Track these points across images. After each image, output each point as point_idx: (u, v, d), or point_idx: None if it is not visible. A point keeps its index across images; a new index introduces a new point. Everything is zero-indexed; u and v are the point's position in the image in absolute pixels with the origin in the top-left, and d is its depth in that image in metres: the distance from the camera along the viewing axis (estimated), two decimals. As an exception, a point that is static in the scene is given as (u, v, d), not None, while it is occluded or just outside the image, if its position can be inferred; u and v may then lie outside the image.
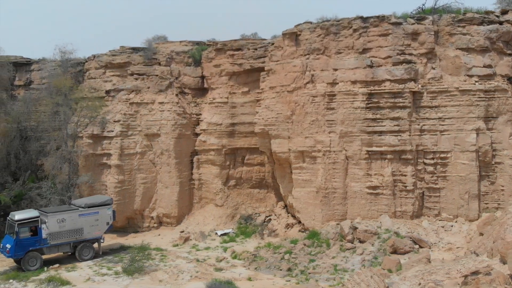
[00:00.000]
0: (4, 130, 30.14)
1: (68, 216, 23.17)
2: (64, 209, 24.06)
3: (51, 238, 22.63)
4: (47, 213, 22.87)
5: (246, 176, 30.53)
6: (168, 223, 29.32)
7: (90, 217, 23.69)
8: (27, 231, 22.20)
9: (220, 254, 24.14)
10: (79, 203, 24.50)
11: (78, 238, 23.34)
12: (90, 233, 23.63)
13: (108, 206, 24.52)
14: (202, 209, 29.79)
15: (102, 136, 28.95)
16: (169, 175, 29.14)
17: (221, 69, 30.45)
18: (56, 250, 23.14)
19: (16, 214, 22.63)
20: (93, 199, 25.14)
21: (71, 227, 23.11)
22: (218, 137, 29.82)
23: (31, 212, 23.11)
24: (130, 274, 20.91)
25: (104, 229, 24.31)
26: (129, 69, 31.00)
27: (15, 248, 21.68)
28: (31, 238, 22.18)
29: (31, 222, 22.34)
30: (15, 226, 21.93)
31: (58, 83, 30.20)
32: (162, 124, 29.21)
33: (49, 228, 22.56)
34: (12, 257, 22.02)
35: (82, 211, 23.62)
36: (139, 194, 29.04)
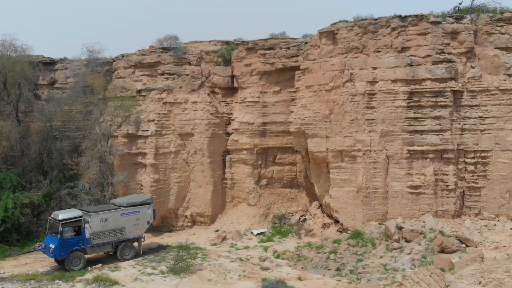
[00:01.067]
0: (38, 130, 29.93)
1: (111, 215, 22.97)
2: (106, 208, 23.74)
3: (94, 238, 22.45)
4: (90, 213, 22.63)
5: (278, 175, 30.41)
6: (202, 222, 29.18)
7: (131, 216, 23.49)
8: (70, 231, 21.97)
9: (261, 254, 23.98)
10: (119, 202, 24.28)
11: (120, 237, 23.16)
12: (131, 233, 23.47)
13: (148, 205, 24.32)
14: (235, 208, 29.65)
15: (137, 136, 28.79)
16: (202, 174, 29.01)
17: (252, 68, 30.34)
18: (98, 249, 22.94)
19: (60, 214, 22.29)
20: (134, 198, 24.94)
21: (113, 227, 22.95)
22: (250, 136, 29.71)
23: (74, 212, 22.84)
24: (177, 274, 20.72)
25: (144, 228, 24.16)
26: (159, 68, 30.86)
27: (59, 248, 21.44)
28: (75, 238, 21.98)
29: (74, 221, 22.10)
30: (59, 226, 21.70)
31: (92, 82, 29.99)
32: (195, 123, 29.08)
33: (92, 227, 22.36)
34: (56, 257, 21.78)
35: (124, 210, 23.40)
36: (174, 193, 28.89)
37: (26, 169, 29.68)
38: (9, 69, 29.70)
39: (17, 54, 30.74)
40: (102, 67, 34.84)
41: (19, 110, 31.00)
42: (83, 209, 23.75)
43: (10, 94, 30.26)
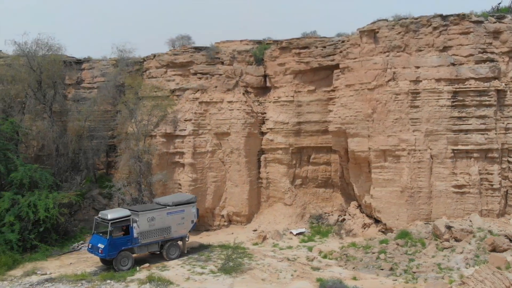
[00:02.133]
0: (76, 129, 29.77)
1: (157, 214, 22.74)
2: (153, 207, 23.43)
3: (142, 237, 22.22)
4: (137, 212, 22.36)
5: (312, 175, 30.31)
6: (238, 222, 29.05)
7: (177, 215, 23.30)
8: (119, 230, 21.87)
9: (306, 254, 23.83)
10: (164, 201, 24.06)
11: (166, 236, 22.98)
12: (177, 232, 23.30)
13: (192, 204, 24.19)
14: (271, 208, 29.52)
15: (174, 135, 28.65)
16: (239, 173, 28.88)
17: (285, 68, 30.23)
18: (145, 249, 22.73)
19: (109, 213, 22.05)
20: (178, 197, 24.74)
21: (160, 226, 22.74)
22: (285, 136, 29.61)
23: (122, 211, 22.56)
24: (228, 273, 20.59)
25: (189, 227, 24.03)
26: (191, 68, 30.73)
27: (109, 248, 21.22)
28: (123, 238, 21.82)
29: (123, 221, 21.89)
30: (107, 225, 21.49)
31: (131, 81, 29.87)
32: (232, 123, 28.96)
33: (140, 227, 22.13)
34: (105, 257, 21.48)
35: (170, 209, 23.20)
36: (210, 192, 28.76)
37: (62, 169, 29.48)
38: (44, 68, 29.54)
39: (51, 53, 30.53)
40: (133, 66, 34.77)
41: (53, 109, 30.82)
42: (130, 208, 23.53)
43: (46, 94, 30.06)
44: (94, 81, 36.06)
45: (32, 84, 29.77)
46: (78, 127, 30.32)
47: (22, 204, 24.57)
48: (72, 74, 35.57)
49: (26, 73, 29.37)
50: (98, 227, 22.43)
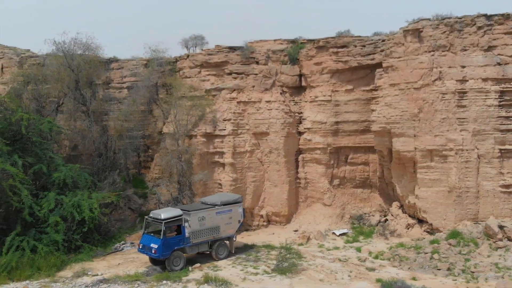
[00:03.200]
0: (118, 129, 29.63)
1: (207, 214, 22.60)
2: (203, 207, 23.22)
3: (193, 237, 22.04)
4: (189, 211, 22.20)
5: (350, 175, 30.18)
6: (277, 222, 28.91)
7: (225, 215, 23.16)
8: (172, 230, 21.65)
9: (355, 254, 23.67)
10: (211, 200, 23.90)
11: (215, 236, 22.85)
12: (225, 231, 23.18)
13: (239, 204, 24.05)
14: (309, 208, 29.37)
15: (214, 135, 28.49)
16: (278, 173, 28.74)
17: (322, 67, 30.10)
18: (196, 249, 22.55)
19: (162, 213, 21.83)
20: (226, 196, 24.58)
21: (210, 225, 22.58)
22: (323, 135, 29.48)
23: (174, 210, 22.33)
24: (283, 273, 20.44)
25: (236, 227, 23.90)
26: (226, 68, 30.62)
27: (162, 248, 20.99)
28: (176, 237, 21.61)
29: (175, 220, 21.68)
30: (160, 225, 21.28)
31: (173, 81, 29.75)
32: (271, 122, 28.82)
33: (191, 226, 21.95)
34: (158, 257, 21.22)
35: (219, 209, 23.06)
36: (250, 192, 28.61)
37: (101, 169, 29.33)
38: (82, 68, 29.41)
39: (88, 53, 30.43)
40: (165, 66, 34.66)
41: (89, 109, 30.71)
42: (180, 207, 23.37)
43: (83, 94, 29.94)
44: (123, 81, 35.94)
45: (70, 83, 29.62)
46: (120, 126, 30.14)
47: (67, 205, 24.38)
48: (100, 74, 35.41)
49: (64, 72, 29.22)
50: (148, 227, 22.23)
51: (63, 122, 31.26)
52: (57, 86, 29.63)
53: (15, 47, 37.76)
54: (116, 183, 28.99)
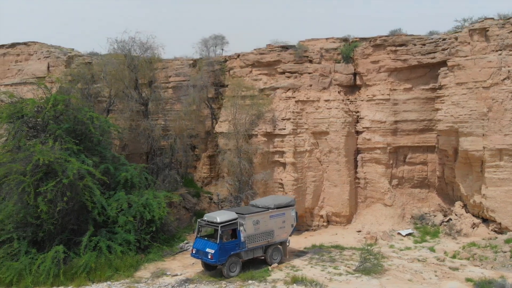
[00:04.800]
0: (181, 128, 29.48)
1: (262, 217, 21.52)
2: (256, 210, 22.05)
3: (248, 241, 21.00)
4: (244, 215, 21.12)
5: (408, 175, 30.01)
6: (337, 222, 28.72)
7: (278, 218, 22.06)
8: (228, 234, 20.70)
9: (429, 254, 23.49)
10: (262, 203, 22.77)
11: (269, 241, 21.74)
12: (279, 236, 22.06)
13: (292, 207, 22.93)
14: (369, 208, 29.18)
15: (274, 134, 28.31)
16: (338, 173, 28.57)
17: (379, 65, 29.96)
18: (251, 254, 21.41)
19: (217, 216, 20.84)
20: (278, 199, 23.40)
21: (264, 229, 21.51)
22: (382, 135, 29.32)
23: (229, 214, 21.30)
24: (368, 274, 20.28)
25: (289, 231, 22.77)
26: (279, 67, 30.49)
27: (219, 253, 19.95)
28: (232, 242, 20.62)
29: (231, 224, 20.66)
30: (217, 229, 20.22)
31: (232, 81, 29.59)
32: (330, 122, 28.65)
33: (247, 230, 20.88)
34: (215, 263, 20.24)
35: (272, 212, 21.95)
36: (310, 192, 28.43)
37: (160, 168, 29.19)
38: (141, 67, 29.30)
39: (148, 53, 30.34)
40: (213, 66, 34.54)
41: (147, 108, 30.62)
42: (234, 210, 22.44)
43: (141, 93, 29.82)
44: (168, 80, 35.85)
45: (130, 83, 29.49)
46: (183, 125, 29.99)
47: (136, 204, 24.21)
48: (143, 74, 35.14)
49: (124, 71, 29.08)
50: (201, 231, 21.49)
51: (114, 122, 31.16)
52: (116, 85, 29.42)
53: (59, 46, 37.59)
54: (177, 182, 28.87)
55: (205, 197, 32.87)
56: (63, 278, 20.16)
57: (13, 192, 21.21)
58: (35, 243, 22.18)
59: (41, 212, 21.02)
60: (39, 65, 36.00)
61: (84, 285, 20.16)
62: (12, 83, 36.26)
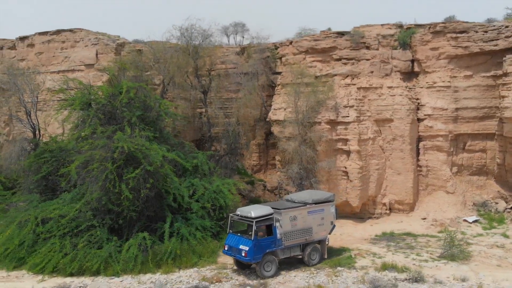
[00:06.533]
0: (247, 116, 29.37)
1: (299, 213, 20.11)
2: (293, 205, 20.73)
3: (285, 239, 19.58)
4: (280, 210, 19.78)
5: (467, 163, 29.99)
6: (400, 210, 28.75)
7: (317, 215, 20.56)
8: (263, 230, 19.12)
9: (505, 240, 23.62)
10: (298, 198, 21.38)
11: (307, 239, 20.27)
12: (317, 234, 20.56)
13: (331, 203, 21.41)
14: (430, 196, 29.18)
15: (337, 122, 28.19)
16: (402, 161, 28.54)
17: (439, 52, 29.76)
18: (288, 252, 19.99)
19: (252, 211, 19.45)
20: (316, 194, 21.93)
21: (302, 226, 20.07)
22: (444, 122, 29.24)
23: (264, 208, 19.81)
24: (453, 260, 20.38)
25: (328, 229, 21.13)
26: (334, 54, 30.30)
27: (254, 250, 18.54)
28: (268, 239, 19.11)
29: (266, 219, 19.21)
30: (252, 224, 18.85)
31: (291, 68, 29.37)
32: (395, 109, 28.54)
33: (283, 226, 19.48)
34: (250, 261, 18.85)
35: (310, 208, 20.51)
36: (374, 180, 28.43)
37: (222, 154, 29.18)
38: (200, 55, 29.13)
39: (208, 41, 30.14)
40: (263, 53, 34.31)
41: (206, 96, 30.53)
42: (269, 205, 20.97)
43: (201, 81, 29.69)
44: (213, 68, 35.60)
45: (190, 70, 29.35)
46: (250, 113, 29.87)
47: (209, 191, 24.21)
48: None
49: (185, 59, 28.91)
50: (234, 226, 20.25)
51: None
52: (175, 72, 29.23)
53: (105, 33, 37.30)
54: (241, 169, 28.84)
55: (258, 184, 32.93)
56: (152, 265, 20.25)
57: (97, 179, 21.15)
58: (112, 230, 22.24)
59: (124, 199, 21.02)
60: (87, 52, 35.82)
61: (171, 272, 20.23)
62: (59, 70, 36.14)
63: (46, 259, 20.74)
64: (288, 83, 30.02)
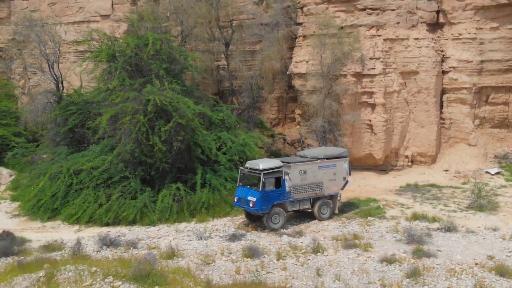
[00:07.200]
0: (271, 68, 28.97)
1: (309, 167, 20.21)
2: (303, 159, 20.91)
3: (294, 192, 19.88)
4: (289, 163, 20.00)
5: (489, 115, 29.95)
6: (422, 162, 29.00)
7: (328, 170, 20.60)
8: (271, 183, 19.34)
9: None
10: (311, 154, 21.52)
11: (318, 193, 20.46)
12: (328, 189, 20.65)
13: (345, 159, 21.34)
14: (452, 148, 29.36)
15: (362, 74, 27.88)
16: (426, 114, 28.50)
17: (466, 3, 28.95)
18: (297, 205, 20.33)
19: (260, 163, 19.72)
20: (329, 150, 22.05)
21: (312, 181, 20.21)
22: (469, 75, 28.90)
23: (273, 162, 20.18)
24: (481, 211, 20.84)
25: (341, 185, 21.19)
26: (359, 3, 29.40)
27: (261, 201, 18.92)
28: (276, 191, 19.38)
29: (275, 172, 19.44)
30: (260, 176, 19.10)
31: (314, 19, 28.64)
32: (421, 61, 28.13)
33: (292, 180, 19.70)
34: (257, 212, 19.32)
35: (321, 162, 20.61)
36: (397, 133, 28.49)
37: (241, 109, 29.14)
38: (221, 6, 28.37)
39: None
40: (283, 3, 33.37)
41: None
42: (280, 159, 21.17)
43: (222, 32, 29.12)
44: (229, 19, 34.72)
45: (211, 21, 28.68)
46: (273, 66, 29.47)
47: (236, 144, 24.37)
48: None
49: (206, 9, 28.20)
50: (243, 179, 20.35)
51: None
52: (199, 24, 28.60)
53: (121, -17, 36.11)
54: (262, 123, 28.86)
55: (278, 138, 33.06)
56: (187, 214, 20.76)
57: (130, 131, 21.24)
58: (144, 181, 22.59)
59: (157, 151, 21.22)
60: (102, 2, 34.97)
61: (206, 221, 20.76)
62: (74, 22, 35.38)
63: (81, 209, 21.23)
64: (311, 34, 29.43)
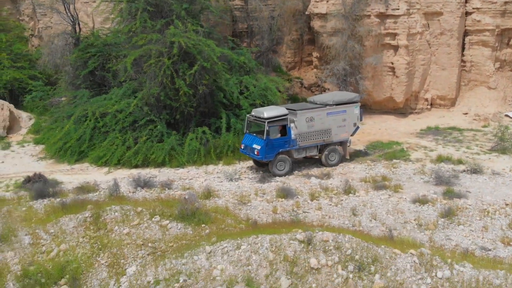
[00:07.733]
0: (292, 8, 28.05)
1: (317, 114, 19.88)
2: (311, 106, 20.51)
3: (300, 139, 19.71)
4: (295, 111, 19.71)
5: (510, 58, 29.54)
6: (441, 105, 29.04)
7: (338, 116, 20.26)
8: (276, 131, 19.27)
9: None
10: (321, 100, 21.00)
11: (325, 140, 20.23)
12: (337, 135, 20.40)
13: (356, 104, 20.84)
14: (471, 91, 29.25)
15: (386, 15, 27.17)
16: (448, 56, 28.13)
17: None
18: (304, 152, 20.22)
19: (265, 111, 19.39)
20: (339, 95, 21.63)
21: (319, 128, 19.95)
22: (492, 16, 28.17)
23: (279, 109, 19.75)
24: (504, 153, 21.21)
25: (351, 131, 20.91)
26: None
27: (266, 149, 18.86)
28: (281, 139, 19.31)
29: (280, 120, 19.24)
30: (263, 124, 18.97)
31: None
32: (445, 1, 27.35)
33: (298, 127, 19.49)
34: (261, 159, 19.29)
35: (330, 109, 20.18)
36: (418, 76, 28.26)
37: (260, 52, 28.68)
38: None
39: None
40: None
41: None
42: (287, 106, 20.83)
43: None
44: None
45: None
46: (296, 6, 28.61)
47: (258, 88, 24.18)
48: None
49: None
50: (250, 126, 20.23)
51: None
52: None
53: None
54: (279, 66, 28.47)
55: (296, 82, 32.79)
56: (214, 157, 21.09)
57: (156, 74, 21.05)
58: (169, 125, 22.69)
59: (183, 95, 21.15)
60: None
61: (232, 163, 21.13)
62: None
63: (109, 152, 21.46)
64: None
